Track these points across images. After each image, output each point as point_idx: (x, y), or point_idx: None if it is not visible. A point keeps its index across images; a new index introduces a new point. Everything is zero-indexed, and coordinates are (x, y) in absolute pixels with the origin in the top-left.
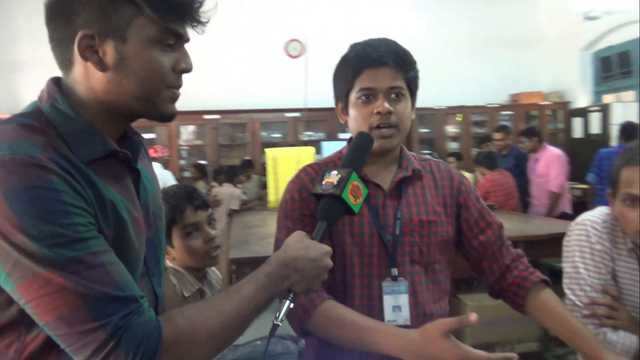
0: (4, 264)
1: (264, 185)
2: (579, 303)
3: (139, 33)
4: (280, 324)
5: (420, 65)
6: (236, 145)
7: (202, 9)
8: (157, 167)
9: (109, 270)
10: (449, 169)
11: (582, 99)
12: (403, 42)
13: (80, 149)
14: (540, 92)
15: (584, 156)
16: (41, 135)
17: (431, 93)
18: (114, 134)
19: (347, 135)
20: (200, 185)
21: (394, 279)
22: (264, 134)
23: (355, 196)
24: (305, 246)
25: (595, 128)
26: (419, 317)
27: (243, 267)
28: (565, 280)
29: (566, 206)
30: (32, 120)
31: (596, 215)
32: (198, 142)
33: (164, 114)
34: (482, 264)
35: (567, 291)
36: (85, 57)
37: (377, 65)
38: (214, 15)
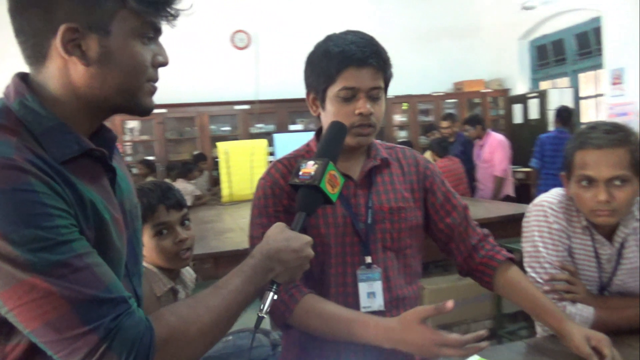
0: None
1: (214, 180)
2: (539, 280)
3: (122, 26)
4: (265, 315)
5: None
6: (184, 139)
7: (177, 3)
8: None
9: (95, 272)
10: (415, 154)
11: (520, 86)
12: None
13: (54, 149)
14: (482, 80)
15: (525, 140)
16: (13, 135)
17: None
18: (87, 131)
19: (298, 127)
20: None
21: (368, 266)
22: (213, 127)
23: (332, 185)
24: (287, 237)
25: (534, 113)
26: (392, 301)
27: (203, 263)
28: (525, 259)
29: (509, 189)
30: (4, 120)
31: (552, 196)
32: (144, 137)
33: (145, 108)
34: (450, 245)
35: (527, 269)
36: (68, 52)
37: (361, 65)
38: (185, 9)
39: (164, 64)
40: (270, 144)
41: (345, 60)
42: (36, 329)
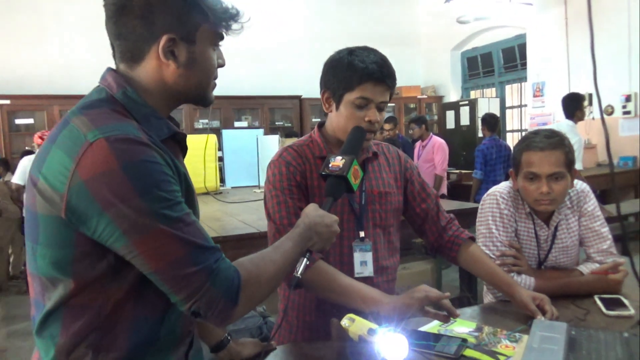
0: (120, 223)
1: None
2: (492, 255)
3: (203, 37)
4: (300, 276)
5: (312, 58)
6: None
7: (242, 19)
8: None
9: (198, 227)
10: (397, 150)
11: (453, 94)
12: (290, 36)
13: (153, 131)
14: (418, 87)
15: (457, 145)
16: (129, 119)
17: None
18: (166, 117)
19: (243, 124)
20: None
21: (361, 239)
22: None
23: (355, 177)
24: (320, 215)
25: (465, 120)
26: (379, 269)
27: None
28: (480, 239)
29: (444, 189)
30: (114, 106)
31: (502, 188)
32: None
33: (210, 99)
34: (425, 226)
35: (482, 247)
36: (165, 56)
37: (377, 82)
38: (246, 21)
39: (223, 65)
40: (220, 139)
41: (366, 76)
42: (161, 267)
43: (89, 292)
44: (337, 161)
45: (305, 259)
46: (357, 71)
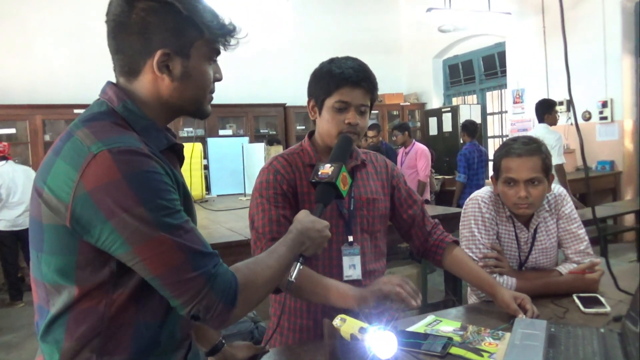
0: (122, 231)
1: None
2: (475, 258)
3: (198, 52)
4: (294, 280)
5: (297, 66)
6: None
7: (238, 34)
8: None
9: (197, 234)
10: (384, 159)
11: (435, 101)
12: (275, 44)
13: (152, 142)
14: (401, 94)
15: (439, 151)
16: (130, 131)
17: (304, 92)
18: (163, 129)
19: (227, 132)
20: None
21: (350, 244)
22: None
23: (344, 184)
24: (312, 220)
25: (447, 126)
26: (366, 273)
27: None
28: (463, 242)
29: (427, 194)
30: (115, 119)
31: (483, 192)
32: None
33: (207, 112)
34: (411, 231)
35: (465, 250)
36: (160, 70)
37: (354, 85)
38: (243, 37)
39: (220, 79)
40: (205, 147)
41: (343, 80)
42: (162, 273)
43: (93, 298)
44: (326, 169)
45: (298, 263)
46: (334, 77)
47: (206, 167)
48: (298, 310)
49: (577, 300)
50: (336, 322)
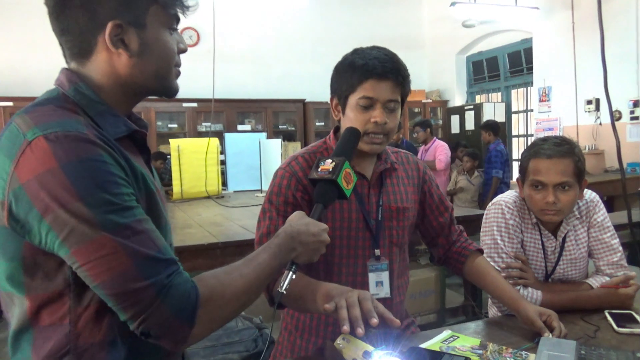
0: (60, 231)
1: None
2: (497, 268)
3: (154, 19)
4: (284, 292)
5: (316, 61)
6: None
7: None
8: None
9: (152, 236)
10: (416, 160)
11: (458, 98)
12: (294, 39)
13: (108, 128)
14: (423, 91)
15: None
16: (78, 115)
17: (326, 89)
18: (124, 115)
19: (246, 127)
20: None
21: (377, 258)
22: (159, 123)
23: (347, 182)
24: (306, 222)
25: (470, 125)
26: (394, 290)
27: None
28: (485, 250)
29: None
30: (63, 103)
31: (508, 197)
32: None
33: (174, 89)
34: (439, 239)
35: (487, 259)
36: (115, 45)
37: (380, 78)
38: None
39: (185, 50)
40: (222, 142)
41: (367, 72)
42: (104, 281)
43: (53, 312)
44: (327, 164)
45: (290, 273)
46: (357, 69)
47: (223, 163)
48: (314, 329)
49: (609, 318)
50: (338, 342)
